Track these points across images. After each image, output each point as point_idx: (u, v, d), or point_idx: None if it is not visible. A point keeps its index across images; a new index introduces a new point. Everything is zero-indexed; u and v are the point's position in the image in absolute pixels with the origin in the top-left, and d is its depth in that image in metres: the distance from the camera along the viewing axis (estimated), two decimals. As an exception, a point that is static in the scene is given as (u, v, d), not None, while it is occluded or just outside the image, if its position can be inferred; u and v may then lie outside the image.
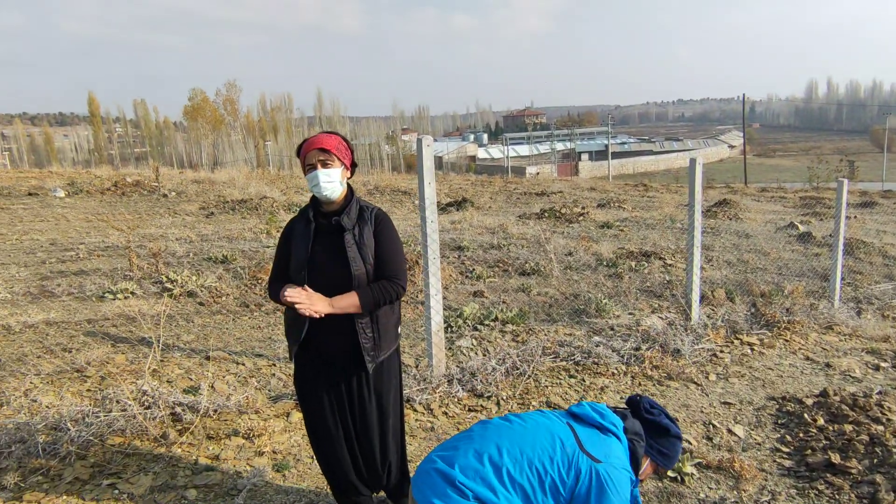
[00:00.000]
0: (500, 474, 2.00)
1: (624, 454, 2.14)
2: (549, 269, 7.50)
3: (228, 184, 15.38)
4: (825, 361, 5.09)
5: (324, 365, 2.57)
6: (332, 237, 2.48)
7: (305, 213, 2.57)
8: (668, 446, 2.29)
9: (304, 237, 2.49)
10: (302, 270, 2.45)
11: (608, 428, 2.17)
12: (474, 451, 2.07)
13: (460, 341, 5.08)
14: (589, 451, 2.07)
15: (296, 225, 2.56)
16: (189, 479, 3.11)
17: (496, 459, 2.02)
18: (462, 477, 2.00)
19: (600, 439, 2.13)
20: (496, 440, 2.09)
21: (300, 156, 2.52)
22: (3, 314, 5.36)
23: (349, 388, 2.60)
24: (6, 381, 4.01)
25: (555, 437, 2.09)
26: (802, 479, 3.35)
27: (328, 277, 2.43)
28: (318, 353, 2.55)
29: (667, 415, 2.35)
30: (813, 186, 27.25)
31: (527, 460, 2.02)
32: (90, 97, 72.41)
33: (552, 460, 2.03)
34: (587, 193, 16.98)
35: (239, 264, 7.20)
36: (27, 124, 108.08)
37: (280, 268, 2.59)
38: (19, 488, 2.96)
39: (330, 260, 2.45)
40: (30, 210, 11.06)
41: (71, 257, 7.57)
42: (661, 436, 2.28)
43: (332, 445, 2.66)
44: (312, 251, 2.47)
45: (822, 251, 9.32)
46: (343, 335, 2.49)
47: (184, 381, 4.14)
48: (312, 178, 2.45)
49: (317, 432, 2.68)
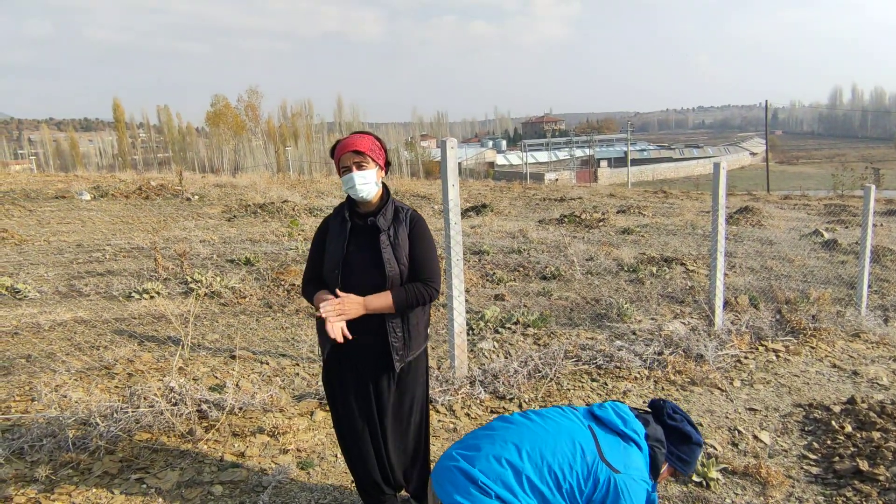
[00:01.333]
0: (520, 479, 2.00)
1: (644, 463, 2.13)
2: (569, 274, 7.48)
3: (250, 188, 15.58)
4: (852, 369, 5.00)
5: (353, 363, 2.58)
6: (367, 237, 2.50)
7: (341, 212, 2.58)
8: (688, 453, 2.28)
9: (339, 236, 2.51)
10: (336, 269, 2.46)
11: (629, 436, 2.15)
12: (495, 454, 2.07)
13: (482, 343, 5.09)
14: (609, 460, 2.06)
15: (331, 224, 2.58)
16: (215, 475, 3.15)
17: (517, 463, 2.03)
18: (484, 478, 2.01)
19: (621, 448, 2.11)
20: (516, 442, 2.08)
21: (334, 157, 2.53)
22: (33, 312, 5.48)
23: (377, 386, 2.61)
24: (37, 376, 4.10)
25: (576, 443, 2.08)
26: (830, 486, 3.29)
27: (362, 277, 2.45)
28: (349, 352, 2.54)
29: (689, 421, 2.33)
30: (837, 194, 26.78)
31: (546, 466, 2.02)
32: (115, 103, 73.85)
33: (571, 468, 2.03)
34: (607, 200, 16.89)
35: (261, 266, 7.29)
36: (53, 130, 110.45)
37: (314, 266, 2.60)
38: (50, 481, 3.02)
39: (365, 260, 2.47)
40: (57, 213, 11.31)
41: (98, 258, 7.72)
42: (683, 443, 2.27)
43: (358, 444, 2.67)
44: (347, 250, 2.48)
45: (848, 258, 9.17)
46: (374, 334, 2.50)
47: (209, 379, 4.20)
48: (348, 179, 2.46)
49: (344, 430, 2.69)
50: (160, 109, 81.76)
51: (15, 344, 4.73)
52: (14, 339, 4.84)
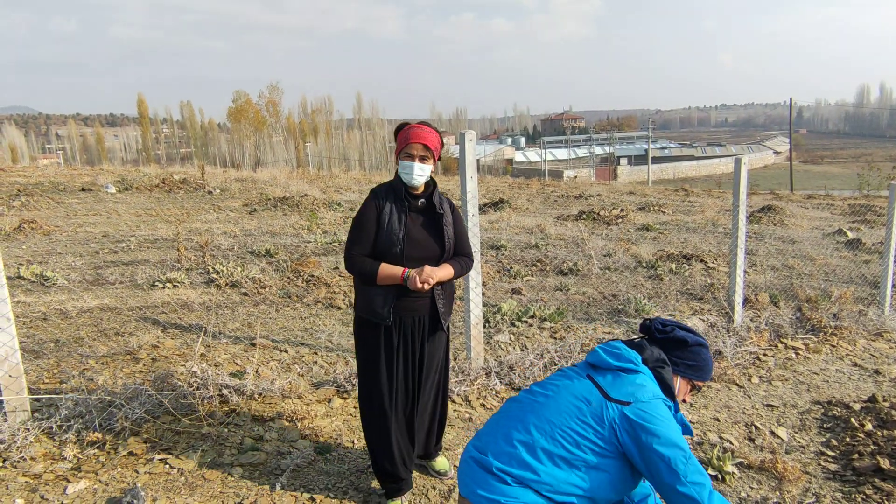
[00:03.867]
0: (534, 452, 1.99)
1: (653, 384, 2.07)
2: (587, 269, 7.46)
3: (270, 182, 15.74)
4: (874, 368, 4.94)
5: (402, 330, 2.81)
6: (422, 216, 2.81)
7: (393, 192, 2.78)
8: (693, 357, 2.19)
9: (399, 214, 2.74)
10: (399, 244, 2.70)
11: (627, 368, 2.09)
12: (503, 435, 2.06)
13: (498, 336, 5.11)
14: (615, 397, 2.01)
15: (386, 202, 2.75)
16: (235, 457, 3.23)
17: (525, 438, 2.01)
18: (498, 462, 2.01)
19: (622, 381, 2.05)
20: (521, 418, 2.08)
21: (400, 138, 2.74)
22: (61, 299, 5.62)
23: (421, 348, 2.86)
24: (65, 360, 4.22)
25: (578, 397, 2.05)
26: (849, 484, 3.27)
27: (424, 250, 2.76)
28: (402, 318, 2.79)
29: (681, 326, 2.24)
30: (863, 194, 26.24)
31: (557, 430, 2.00)
32: (139, 99, 75.12)
33: (582, 422, 2.00)
34: (626, 197, 16.77)
35: (281, 258, 7.38)
36: (80, 125, 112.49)
37: (365, 240, 2.74)
38: (78, 460, 3.11)
39: (425, 235, 2.78)
40: (84, 205, 11.54)
41: (122, 248, 7.88)
42: (681, 349, 2.19)
43: (386, 418, 2.82)
44: (407, 227, 2.74)
45: (871, 258, 9.02)
46: (424, 302, 2.81)
47: (230, 365, 4.28)
48: (409, 167, 2.70)
49: (374, 403, 2.84)
50: (183, 105, 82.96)
51: (44, 328, 4.87)
52: (43, 323, 4.98)
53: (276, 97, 74.54)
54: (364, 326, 2.82)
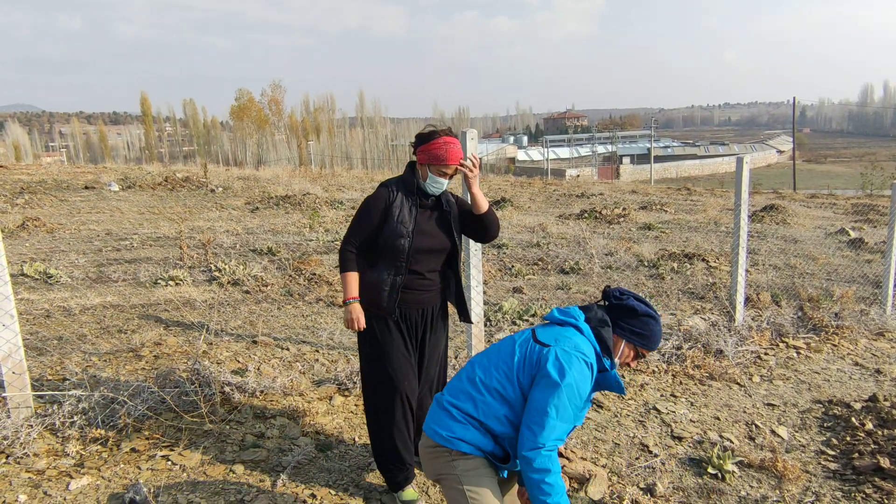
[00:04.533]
0: (475, 384, 2.27)
1: (583, 341, 2.24)
2: (588, 268, 7.46)
3: (272, 181, 15.76)
4: (875, 367, 4.94)
5: (402, 324, 2.89)
6: (431, 211, 2.90)
7: (404, 186, 2.86)
8: (640, 326, 2.33)
9: (410, 209, 2.83)
10: (406, 237, 2.79)
11: (566, 321, 2.30)
12: (458, 376, 2.39)
13: (499, 334, 5.12)
14: (540, 339, 2.25)
15: (396, 198, 2.82)
16: (237, 454, 3.24)
17: (470, 374, 2.32)
18: (449, 397, 2.31)
19: (554, 331, 2.28)
20: (474, 361, 2.38)
21: (434, 151, 2.76)
22: (64, 296, 5.65)
23: (417, 344, 2.95)
24: (69, 357, 4.25)
25: (515, 341, 2.32)
26: (849, 483, 3.27)
27: (433, 242, 2.87)
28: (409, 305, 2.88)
29: (636, 297, 2.40)
30: (866, 193, 26.15)
31: (493, 365, 2.28)
32: (142, 97, 75.14)
33: (512, 358, 2.25)
34: (628, 196, 16.75)
35: (283, 256, 7.40)
36: (83, 123, 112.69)
37: (366, 229, 2.82)
38: (81, 456, 3.13)
39: (434, 228, 2.89)
40: (87, 202, 11.58)
41: (125, 246, 7.91)
42: (631, 316, 2.33)
43: (392, 406, 2.87)
44: (416, 221, 2.83)
45: (874, 257, 9.00)
46: (430, 295, 2.93)
47: (232, 363, 4.30)
48: (440, 184, 2.83)
49: (379, 394, 2.89)
50: (186, 103, 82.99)
51: (47, 326, 4.89)
52: (47, 320, 5.01)
53: (278, 95, 74.62)
54: (368, 320, 2.86)
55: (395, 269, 2.80)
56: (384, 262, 2.82)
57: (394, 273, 2.80)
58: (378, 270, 2.83)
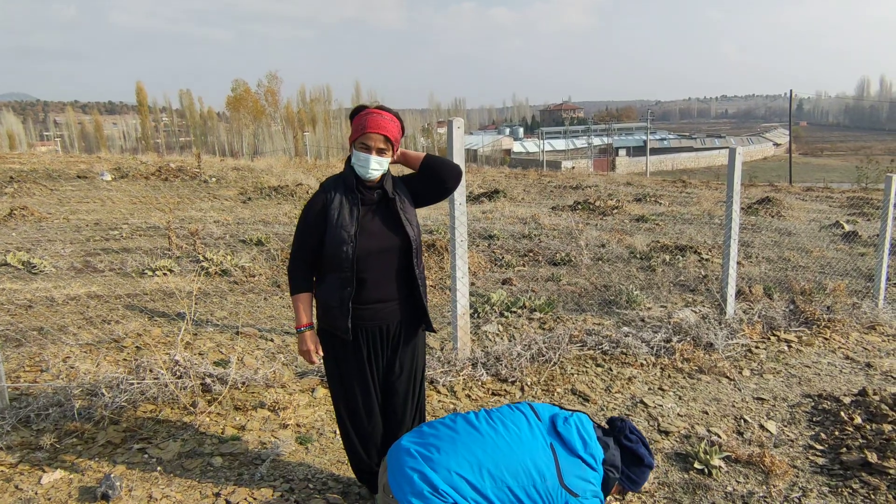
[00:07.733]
0: (479, 493, 2.11)
1: (599, 483, 2.30)
2: (579, 260, 7.41)
3: (266, 171, 15.65)
4: (866, 361, 4.90)
5: (362, 344, 2.56)
6: (377, 206, 2.50)
7: (343, 184, 2.48)
8: (638, 474, 2.44)
9: (350, 207, 2.44)
10: (349, 242, 2.40)
11: (588, 462, 2.28)
12: (456, 468, 2.12)
13: (486, 326, 5.07)
14: (568, 485, 2.19)
15: (333, 198, 2.45)
16: (216, 447, 3.19)
17: (476, 482, 2.11)
18: (443, 485, 2.09)
19: (580, 471, 2.25)
20: (479, 456, 2.16)
21: (355, 124, 2.44)
22: (47, 287, 5.57)
23: (382, 363, 2.63)
24: (47, 348, 4.18)
25: (537, 466, 2.17)
26: (836, 478, 3.23)
27: (381, 241, 2.47)
28: (370, 321, 2.53)
29: (644, 443, 2.46)
30: (861, 187, 26.16)
31: (507, 486, 2.13)
32: (138, 87, 74.62)
33: (534, 488, 2.15)
34: (623, 188, 16.69)
35: (272, 247, 7.33)
36: (78, 112, 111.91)
37: (310, 243, 2.48)
38: (55, 449, 3.07)
39: (381, 227, 2.48)
40: (78, 192, 11.47)
41: (115, 236, 7.82)
42: (635, 464, 2.43)
43: (360, 421, 2.64)
44: (358, 222, 2.43)
45: (867, 251, 8.97)
46: (389, 310, 2.55)
47: (215, 354, 4.24)
48: (365, 160, 2.41)
49: (349, 405, 2.63)
50: (182, 94, 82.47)
51: (28, 317, 4.82)
52: (27, 311, 4.93)
53: (274, 86, 74.11)
54: (326, 336, 2.56)
55: (342, 281, 2.42)
56: (331, 274, 2.45)
57: (340, 285, 2.42)
58: (327, 285, 2.47)
